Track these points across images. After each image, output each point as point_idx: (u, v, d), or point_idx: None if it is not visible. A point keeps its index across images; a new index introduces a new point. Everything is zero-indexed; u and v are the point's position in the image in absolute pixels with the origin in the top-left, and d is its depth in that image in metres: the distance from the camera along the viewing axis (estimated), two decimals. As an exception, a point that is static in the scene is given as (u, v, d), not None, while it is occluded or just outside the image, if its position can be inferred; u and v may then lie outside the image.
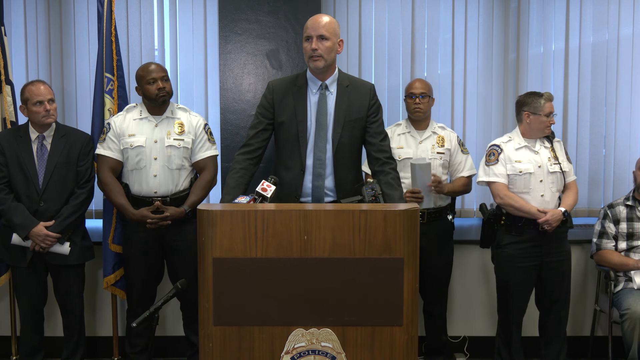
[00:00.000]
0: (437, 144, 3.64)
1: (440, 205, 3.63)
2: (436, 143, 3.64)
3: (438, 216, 3.62)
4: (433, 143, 3.64)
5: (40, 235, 3.31)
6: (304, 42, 2.91)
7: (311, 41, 2.86)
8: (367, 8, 4.11)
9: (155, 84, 3.37)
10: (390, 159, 3.01)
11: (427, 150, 3.62)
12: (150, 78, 3.38)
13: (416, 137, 3.65)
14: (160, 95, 3.38)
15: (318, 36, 2.86)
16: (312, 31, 2.86)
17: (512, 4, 4.12)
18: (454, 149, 3.69)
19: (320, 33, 2.86)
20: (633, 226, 3.67)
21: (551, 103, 3.47)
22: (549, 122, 3.47)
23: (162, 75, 3.40)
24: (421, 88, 3.62)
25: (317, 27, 2.86)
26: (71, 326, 3.55)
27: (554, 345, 3.61)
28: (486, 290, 4.08)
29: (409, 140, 3.64)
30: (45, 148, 3.42)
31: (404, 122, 3.72)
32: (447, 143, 3.66)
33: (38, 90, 3.34)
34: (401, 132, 3.67)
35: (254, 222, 2.23)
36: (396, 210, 2.27)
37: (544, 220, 3.36)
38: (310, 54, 2.88)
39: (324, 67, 2.91)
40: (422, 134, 3.66)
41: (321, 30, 2.86)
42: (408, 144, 3.64)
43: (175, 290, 2.70)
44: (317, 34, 2.86)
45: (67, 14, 4.09)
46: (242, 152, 2.98)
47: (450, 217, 3.68)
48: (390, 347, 2.27)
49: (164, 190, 3.42)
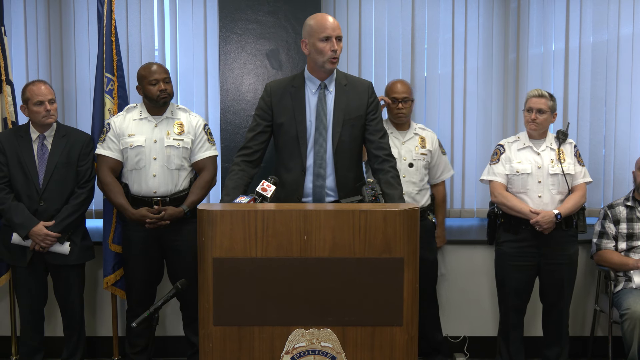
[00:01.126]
0: (420, 145, 3.67)
1: (423, 205, 3.66)
2: (419, 144, 3.67)
3: (421, 217, 3.63)
4: (416, 144, 3.66)
5: (40, 234, 3.32)
6: (320, 42, 2.84)
7: (331, 42, 2.83)
8: (367, 8, 4.11)
9: (157, 85, 3.37)
10: (390, 156, 3.00)
11: (411, 151, 3.64)
12: (152, 79, 3.38)
13: (399, 138, 3.67)
14: (162, 97, 3.39)
15: (337, 37, 2.85)
16: (332, 32, 2.83)
17: (512, 4, 4.12)
18: (435, 150, 3.73)
19: (339, 34, 2.85)
20: (633, 226, 3.67)
21: (537, 99, 3.44)
22: (530, 118, 3.46)
23: (164, 77, 3.40)
24: (404, 92, 3.62)
25: (336, 27, 2.85)
26: (71, 326, 3.55)
27: (555, 345, 3.61)
28: (486, 290, 4.08)
29: (393, 141, 3.61)
30: (45, 148, 3.42)
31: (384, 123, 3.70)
32: (428, 144, 3.70)
33: (39, 90, 3.34)
34: None
35: (254, 222, 2.23)
36: (396, 210, 2.27)
37: (534, 222, 3.37)
38: (330, 56, 2.85)
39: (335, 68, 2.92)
40: (405, 134, 3.68)
41: (339, 31, 2.86)
42: (392, 145, 3.61)
43: (175, 290, 2.70)
44: (336, 35, 2.84)
45: (67, 14, 4.09)
46: (241, 154, 2.98)
47: (430, 216, 3.73)
48: (390, 347, 2.27)
49: (164, 190, 3.42)
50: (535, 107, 3.44)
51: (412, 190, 3.62)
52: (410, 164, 3.62)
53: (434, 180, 3.81)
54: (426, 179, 3.70)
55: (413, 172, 3.62)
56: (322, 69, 2.91)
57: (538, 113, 3.43)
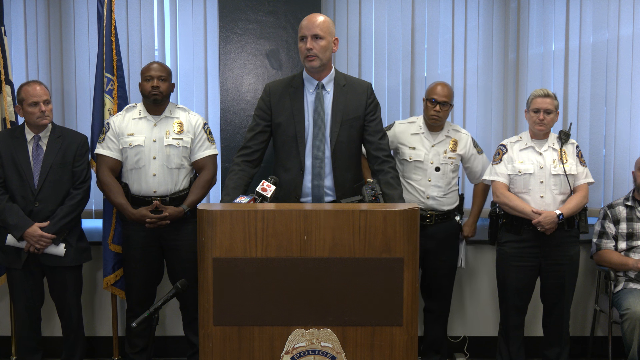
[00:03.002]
0: (450, 149, 3.57)
1: (449, 208, 3.61)
2: (449, 147, 3.57)
3: (446, 218, 3.61)
4: (446, 147, 3.56)
5: (34, 235, 3.30)
6: (299, 42, 2.91)
7: (306, 41, 2.87)
8: (367, 8, 4.11)
9: (150, 81, 3.38)
10: (389, 157, 3.00)
11: (440, 154, 3.55)
12: (147, 75, 3.39)
13: (429, 140, 3.57)
14: (153, 93, 3.38)
15: (312, 35, 2.86)
16: (307, 31, 2.86)
17: (512, 4, 4.12)
18: (469, 152, 3.63)
19: (315, 32, 2.86)
20: (633, 226, 3.67)
21: (542, 99, 3.42)
22: (537, 119, 3.44)
23: (160, 75, 3.40)
24: (444, 96, 3.49)
25: (311, 26, 2.86)
26: (69, 327, 3.53)
27: (555, 345, 3.61)
28: (486, 290, 4.08)
29: (423, 141, 3.57)
30: (40, 149, 3.40)
31: (419, 121, 3.62)
32: (460, 147, 3.59)
33: (34, 91, 3.33)
34: (415, 131, 3.58)
35: (254, 222, 2.23)
36: (396, 210, 2.27)
37: (536, 222, 3.37)
38: (305, 54, 2.88)
39: (319, 67, 2.91)
40: (436, 136, 3.58)
41: (315, 29, 2.86)
42: (421, 146, 3.57)
43: (175, 290, 2.70)
44: (311, 34, 2.86)
45: (67, 14, 4.09)
46: (240, 154, 2.98)
47: (458, 217, 3.67)
48: (390, 347, 2.27)
49: (163, 190, 3.42)
50: (542, 108, 3.41)
51: (437, 194, 3.54)
52: (437, 168, 3.53)
53: (475, 182, 3.74)
54: (454, 182, 3.62)
55: (439, 176, 3.54)
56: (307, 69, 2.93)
57: (545, 113, 3.42)
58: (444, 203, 3.58)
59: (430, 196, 3.54)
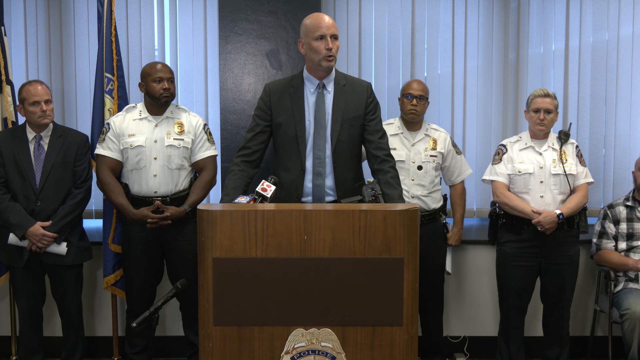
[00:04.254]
0: (430, 147, 3.62)
1: (434, 207, 3.63)
2: (429, 146, 3.62)
3: (432, 219, 3.62)
4: (426, 146, 3.62)
5: (36, 235, 3.31)
6: (314, 41, 2.85)
7: (325, 40, 2.84)
8: (367, 8, 4.11)
9: (161, 83, 3.38)
10: (389, 156, 3.01)
11: (420, 152, 3.60)
12: (157, 76, 3.38)
13: (409, 139, 3.63)
14: (164, 95, 3.39)
15: (332, 35, 2.85)
16: (326, 30, 2.84)
17: (512, 4, 4.12)
18: (448, 151, 3.68)
19: (334, 32, 2.85)
20: (633, 226, 3.67)
21: (542, 99, 3.43)
22: (537, 119, 3.45)
23: (169, 77, 3.41)
24: (419, 90, 3.59)
25: (330, 26, 2.85)
26: (69, 326, 3.55)
27: (555, 345, 3.61)
28: (486, 290, 4.08)
29: (403, 141, 3.62)
30: (42, 148, 3.41)
31: (396, 122, 3.68)
32: (439, 145, 3.64)
33: (35, 90, 3.34)
34: (394, 132, 3.62)
35: (254, 222, 2.23)
36: (396, 210, 2.27)
37: (536, 222, 3.37)
38: (325, 54, 2.85)
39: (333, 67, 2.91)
40: (415, 135, 3.64)
41: (333, 29, 2.85)
42: (401, 145, 3.62)
43: (175, 290, 2.70)
44: (330, 33, 2.84)
45: (67, 14, 4.09)
46: (240, 154, 2.98)
47: (443, 217, 3.70)
48: (390, 347, 2.27)
49: (164, 190, 3.42)
50: (542, 108, 3.42)
51: (421, 193, 3.58)
52: (419, 167, 3.58)
53: (451, 182, 3.77)
54: (437, 181, 3.66)
55: (422, 174, 3.58)
56: (319, 68, 2.91)
57: (545, 113, 3.42)
58: (429, 202, 3.60)
59: (415, 195, 3.55)
